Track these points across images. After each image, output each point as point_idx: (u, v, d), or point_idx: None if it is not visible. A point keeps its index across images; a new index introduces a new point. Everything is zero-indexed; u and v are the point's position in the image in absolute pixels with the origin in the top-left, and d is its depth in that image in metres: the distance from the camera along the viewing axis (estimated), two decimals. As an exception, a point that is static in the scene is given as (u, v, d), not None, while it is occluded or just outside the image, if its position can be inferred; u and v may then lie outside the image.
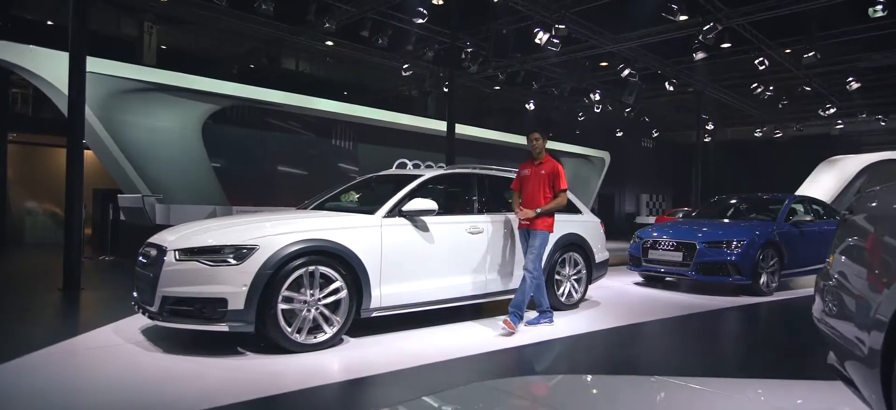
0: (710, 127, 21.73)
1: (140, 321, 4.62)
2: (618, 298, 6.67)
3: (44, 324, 4.96)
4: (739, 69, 15.49)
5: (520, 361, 4.09)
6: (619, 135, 22.92)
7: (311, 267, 3.92)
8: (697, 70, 15.48)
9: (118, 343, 3.97)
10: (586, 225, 6.04)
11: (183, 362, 3.61)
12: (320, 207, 5.45)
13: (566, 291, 5.78)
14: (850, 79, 14.70)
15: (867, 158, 22.88)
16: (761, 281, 7.02)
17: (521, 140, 21.05)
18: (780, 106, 17.79)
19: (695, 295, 7.04)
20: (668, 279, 8.01)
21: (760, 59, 13.00)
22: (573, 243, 5.79)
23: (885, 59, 14.55)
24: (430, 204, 4.52)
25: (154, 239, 4.19)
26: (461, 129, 17.82)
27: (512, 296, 4.86)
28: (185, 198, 11.39)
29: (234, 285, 3.66)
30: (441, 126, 17.79)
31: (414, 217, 4.58)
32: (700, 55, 12.33)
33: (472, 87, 17.71)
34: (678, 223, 8.28)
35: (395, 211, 4.54)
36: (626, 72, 14.23)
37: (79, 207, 6.57)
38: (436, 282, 4.68)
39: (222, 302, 3.65)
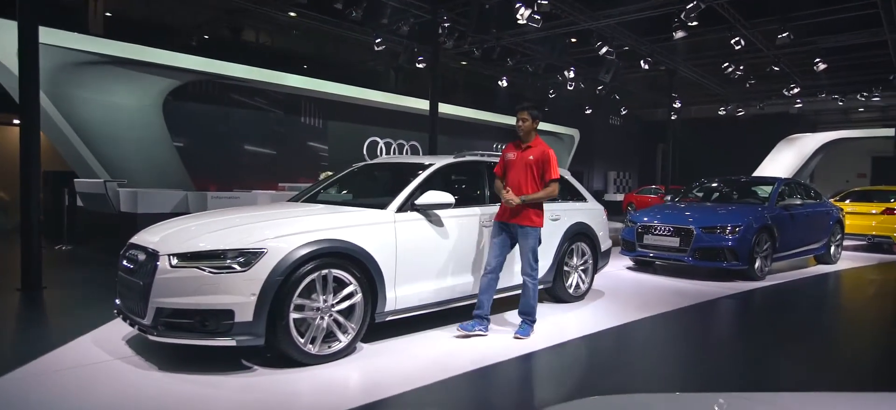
0: (677, 105, 21.96)
1: (120, 327, 4.15)
2: (618, 286, 6.52)
3: (8, 337, 4.40)
4: (712, 48, 15.57)
5: (553, 368, 3.85)
6: (588, 112, 22.92)
7: (324, 271, 3.55)
8: (672, 49, 15.47)
9: (104, 360, 3.52)
10: (592, 213, 5.83)
11: (185, 383, 3.20)
12: (312, 200, 5.03)
13: (574, 282, 5.57)
14: (818, 60, 14.97)
15: (824, 137, 23.81)
16: (756, 265, 7.02)
17: (492, 117, 20.71)
18: (748, 85, 18.05)
19: (691, 281, 6.98)
20: (657, 263, 7.95)
21: (737, 38, 13.04)
22: (581, 232, 5.57)
23: (848, 40, 14.88)
24: (447, 196, 4.19)
25: (139, 240, 3.72)
26: (426, 106, 17.42)
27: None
28: (146, 182, 10.66)
29: (241, 294, 3.26)
30: (414, 103, 17.36)
31: (428, 211, 4.25)
32: (679, 34, 12.25)
33: (442, 63, 17.21)
34: (669, 207, 8.20)
35: (408, 205, 4.19)
36: (604, 50, 14.06)
37: (36, 194, 5.92)
38: (451, 280, 4.38)
39: (228, 313, 3.24)
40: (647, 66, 15.51)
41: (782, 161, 22.77)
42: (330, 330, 3.61)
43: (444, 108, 17.46)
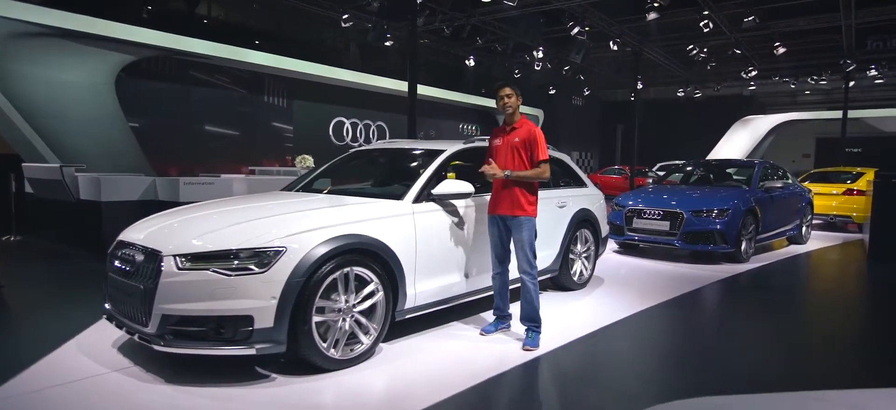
0: (639, 86, 22.31)
1: (106, 332, 3.76)
2: (612, 272, 6.48)
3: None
4: (677, 30, 15.76)
5: (589, 363, 3.71)
6: (552, 92, 22.99)
7: (346, 269, 3.27)
8: (641, 30, 15.58)
9: (99, 373, 3.14)
10: (592, 198, 5.73)
11: (198, 397, 2.88)
12: (307, 189, 4.71)
13: (578, 270, 5.48)
14: (777, 43, 15.42)
15: (775, 119, 24.75)
16: (742, 248, 7.13)
17: (458, 97, 20.43)
18: (709, 67, 18.46)
19: (681, 265, 7.03)
20: (641, 246, 7.99)
21: (705, 21, 13.23)
22: (585, 219, 5.47)
23: (807, 25, 15.37)
24: (466, 185, 3.95)
25: (132, 238, 3.33)
26: (394, 85, 17.00)
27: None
28: (98, 166, 9.90)
29: (260, 298, 2.94)
30: (382, 82, 16.90)
31: (445, 201, 4.01)
32: (653, 16, 12.30)
33: (402, 41, 16.70)
34: (654, 191, 8.22)
35: (424, 195, 3.94)
36: (576, 30, 14.01)
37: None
38: (468, 273, 4.16)
39: (247, 319, 2.93)
40: (616, 47, 15.59)
41: (737, 142, 23.57)
42: (351, 331, 3.35)
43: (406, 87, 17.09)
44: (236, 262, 2.97)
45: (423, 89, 17.64)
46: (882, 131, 23.68)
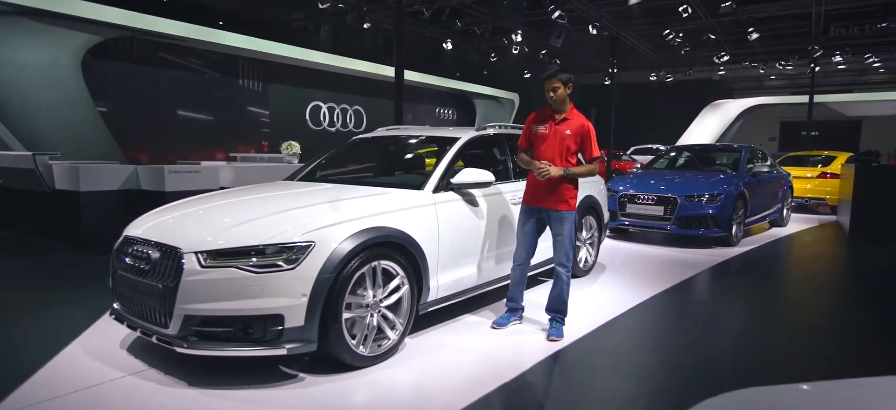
0: (613, 70, 22.50)
1: (111, 331, 3.55)
2: (609, 257, 6.51)
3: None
4: (655, 15, 15.91)
5: (609, 358, 3.68)
6: (527, 76, 22.98)
7: (373, 263, 3.15)
8: (620, 14, 15.65)
9: (113, 378, 2.94)
10: (595, 184, 5.70)
11: (228, 401, 2.72)
12: (309, 178, 4.54)
13: (583, 257, 5.47)
14: (751, 29, 15.72)
15: (744, 103, 25.36)
16: (733, 232, 7.26)
17: (434, 81, 20.15)
18: (683, 52, 18.72)
19: (676, 249, 7.12)
20: (631, 231, 8.07)
21: (685, 6, 13.36)
22: (591, 205, 5.46)
23: (778, 11, 15.72)
24: (486, 174, 3.86)
25: (143, 233, 3.12)
26: (372, 69, 16.69)
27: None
28: (67, 152, 9.41)
29: (290, 296, 2.80)
30: (359, 66, 16.55)
31: (464, 190, 3.91)
32: (633, 0, 12.36)
33: (379, 23, 16.38)
34: (644, 176, 8.27)
35: (444, 185, 3.83)
36: (557, 13, 13.97)
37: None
38: (487, 263, 4.09)
39: (277, 319, 2.79)
40: (595, 31, 15.63)
41: (707, 126, 24.08)
42: (379, 327, 3.24)
43: (381, 70, 16.75)
44: (263, 259, 2.81)
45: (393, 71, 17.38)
46: (844, 115, 24.57)
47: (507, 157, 4.61)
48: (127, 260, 3.09)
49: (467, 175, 3.83)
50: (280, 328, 2.80)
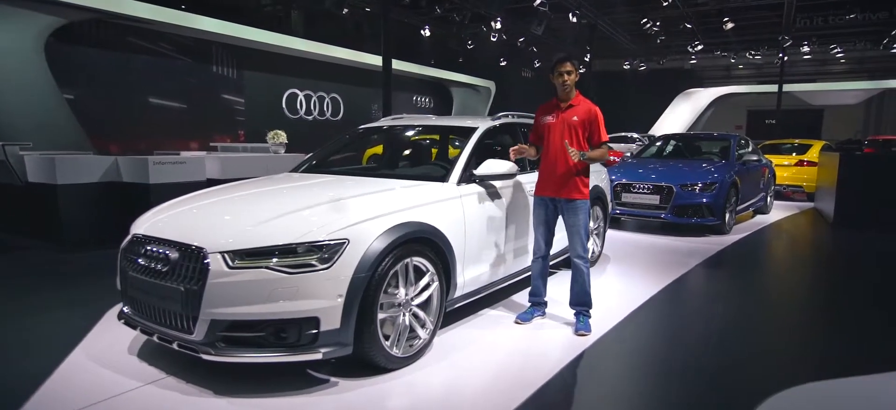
0: (586, 59, 22.62)
1: (115, 335, 3.32)
2: (608, 246, 6.49)
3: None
4: (634, 4, 16.00)
5: (645, 352, 3.62)
6: (503, 64, 22.90)
7: (406, 260, 3.00)
8: (599, 3, 15.68)
9: (131, 387, 2.72)
10: (600, 174, 5.66)
11: (261, 409, 2.55)
12: (315, 170, 4.34)
13: (590, 248, 5.40)
14: (726, 19, 15.97)
15: (716, 92, 25.86)
16: (726, 220, 7.34)
17: (411, 68, 19.77)
18: (659, 41, 18.92)
19: (672, 238, 7.15)
20: (622, 219, 8.11)
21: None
22: (598, 196, 5.40)
23: (752, 1, 16.01)
24: (510, 165, 3.75)
25: (157, 232, 2.89)
26: (349, 55, 16.31)
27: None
28: (33, 141, 8.88)
29: (325, 298, 2.63)
30: (337, 52, 16.14)
31: (487, 182, 3.78)
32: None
33: (358, 8, 15.99)
34: (636, 165, 8.27)
35: (466, 176, 3.69)
36: (538, 1, 13.89)
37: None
38: (508, 257, 3.99)
39: (312, 322, 2.62)
40: (575, 19, 15.63)
41: (680, 114, 24.49)
42: (411, 327, 3.10)
43: (355, 55, 16.36)
44: (296, 258, 2.63)
45: (372, 59, 17.00)
46: (808, 104, 25.34)
47: (522, 147, 4.49)
48: (140, 260, 2.86)
49: (491, 166, 3.70)
50: (315, 331, 2.63)
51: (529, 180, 4.24)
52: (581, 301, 3.73)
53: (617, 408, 2.77)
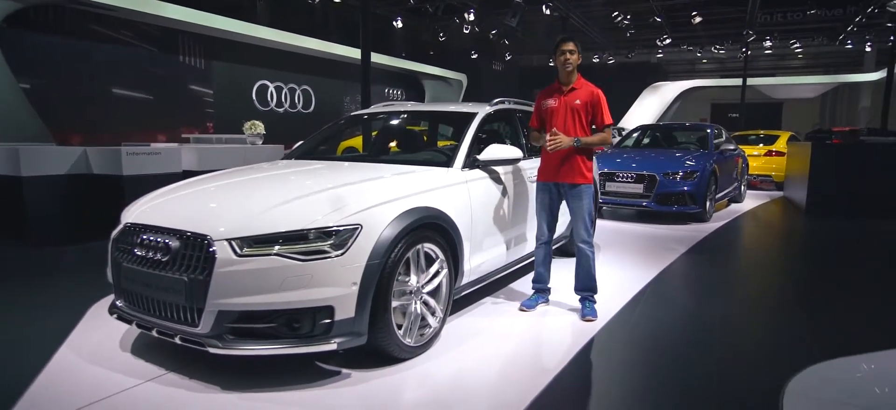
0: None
1: (103, 330, 3.12)
2: (596, 235, 6.51)
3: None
4: (604, -3, 16.16)
5: (657, 336, 3.60)
6: (474, 57, 22.87)
7: (417, 246, 2.90)
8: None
9: (130, 385, 2.55)
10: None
11: (276, 405, 2.41)
12: (307, 156, 4.20)
13: (583, 235, 5.41)
14: (694, 13, 16.29)
15: (682, 85, 26.40)
16: (707, 207, 7.47)
17: (383, 60, 19.45)
18: (628, 34, 19.18)
19: (656, 226, 7.24)
20: (604, 208, 8.17)
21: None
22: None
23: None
24: (514, 150, 3.67)
25: (154, 220, 2.72)
26: (320, 46, 15.99)
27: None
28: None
29: (340, 285, 2.51)
30: (309, 43, 15.79)
31: (490, 167, 3.71)
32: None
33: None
34: (618, 155, 8.33)
35: (470, 161, 3.61)
36: (513, -7, 13.88)
37: None
38: (512, 243, 3.94)
39: (327, 311, 2.49)
40: (548, 12, 15.69)
41: (648, 107, 24.91)
42: (422, 315, 3.01)
43: (315, 43, 16.03)
44: (308, 244, 2.50)
45: (344, 50, 16.70)
46: (768, 97, 26.16)
47: (520, 132, 4.45)
48: (136, 251, 2.67)
49: (495, 151, 3.63)
50: (329, 321, 2.51)
51: (530, 166, 4.20)
52: (587, 286, 3.70)
53: (635, 392, 2.74)
